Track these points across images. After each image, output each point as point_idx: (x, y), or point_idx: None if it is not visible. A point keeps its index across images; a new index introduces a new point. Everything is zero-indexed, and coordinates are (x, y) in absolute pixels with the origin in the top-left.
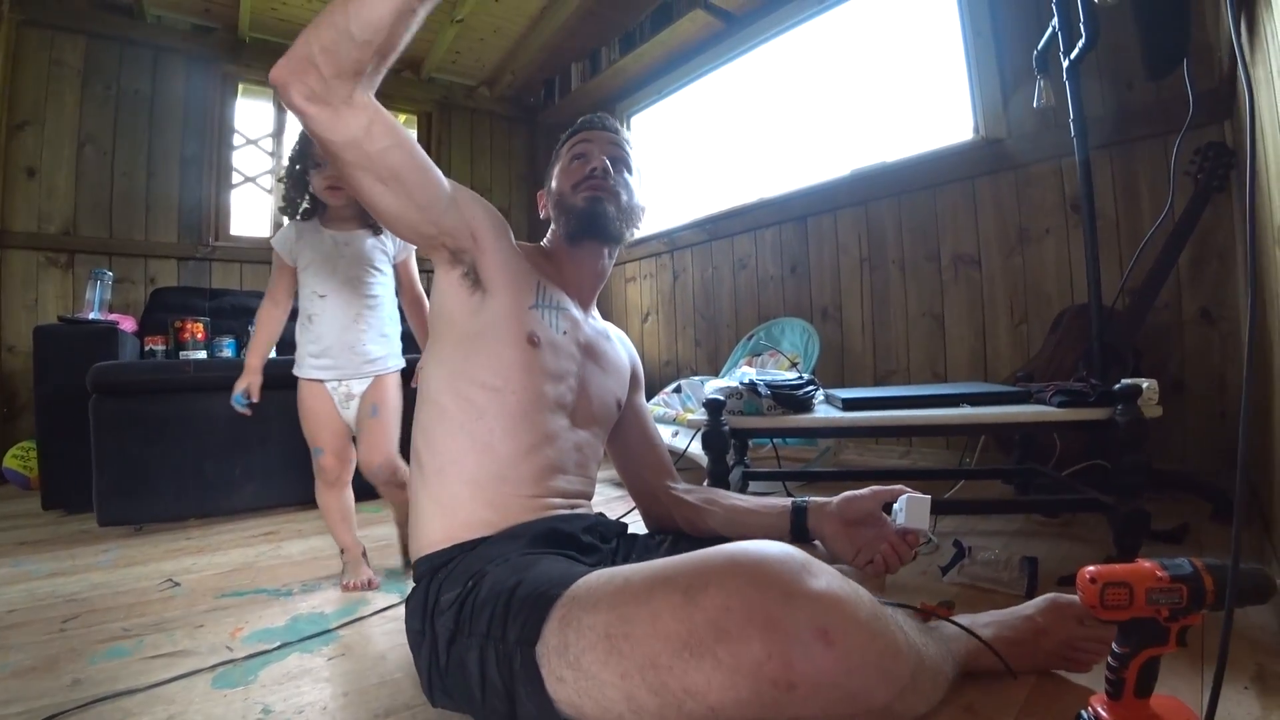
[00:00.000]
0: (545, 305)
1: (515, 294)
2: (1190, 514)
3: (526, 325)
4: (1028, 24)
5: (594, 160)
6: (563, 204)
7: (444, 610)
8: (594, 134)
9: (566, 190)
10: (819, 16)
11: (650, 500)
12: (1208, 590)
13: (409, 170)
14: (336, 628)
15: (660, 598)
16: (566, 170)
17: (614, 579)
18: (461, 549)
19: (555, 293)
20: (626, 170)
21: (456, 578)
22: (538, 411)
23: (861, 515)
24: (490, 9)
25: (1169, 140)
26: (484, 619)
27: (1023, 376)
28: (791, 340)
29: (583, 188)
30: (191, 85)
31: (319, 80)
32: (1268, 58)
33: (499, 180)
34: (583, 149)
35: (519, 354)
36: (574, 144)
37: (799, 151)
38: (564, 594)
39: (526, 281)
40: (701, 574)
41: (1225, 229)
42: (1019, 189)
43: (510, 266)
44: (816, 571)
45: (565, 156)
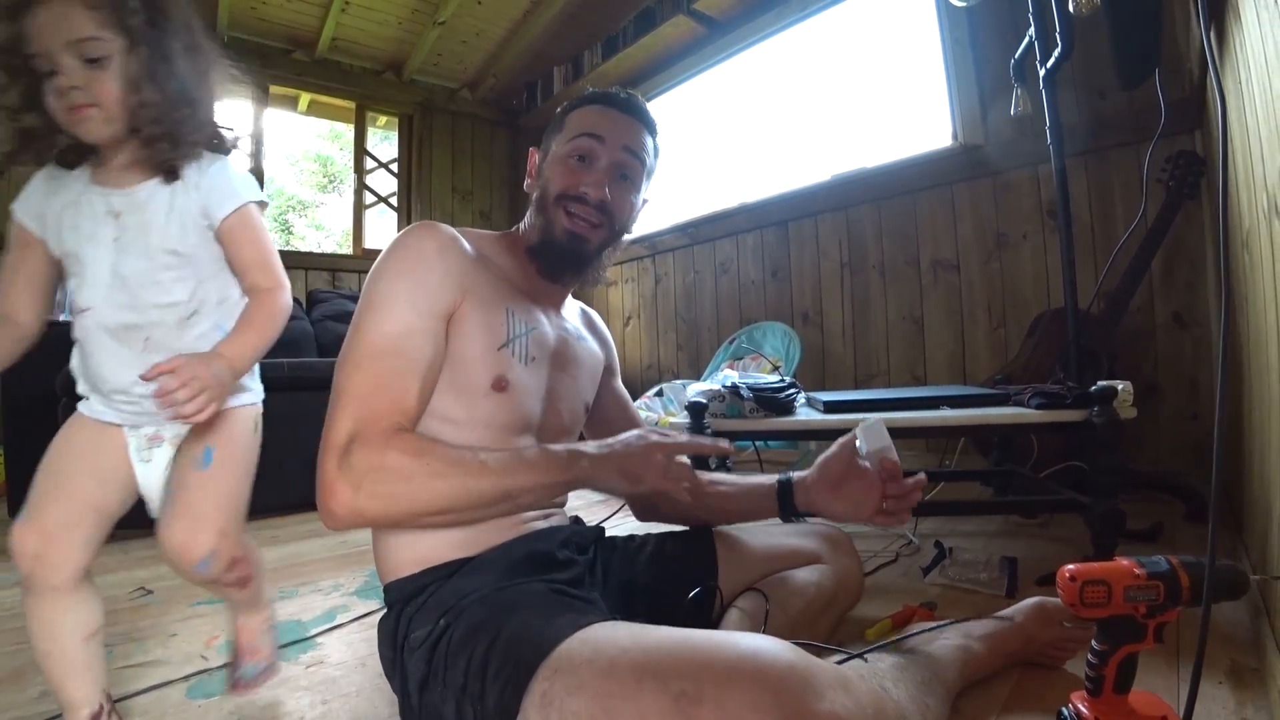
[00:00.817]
0: (516, 337)
1: (484, 337)
2: (1164, 513)
3: (494, 370)
4: (1005, 33)
5: (598, 175)
6: (543, 205)
7: (415, 648)
8: (612, 121)
9: (553, 194)
10: (801, 23)
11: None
12: (1184, 587)
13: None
14: (314, 635)
15: (649, 698)
16: (563, 163)
17: (599, 655)
18: (434, 575)
19: (524, 314)
20: (633, 187)
21: (428, 612)
22: (501, 441)
23: (842, 470)
24: (473, 12)
25: (1142, 148)
26: (460, 670)
27: (1001, 379)
28: (773, 344)
29: (569, 205)
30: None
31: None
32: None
33: (480, 183)
34: (590, 147)
35: (483, 399)
36: (584, 127)
37: (780, 157)
38: (546, 661)
39: (495, 317)
40: (696, 677)
41: (1196, 235)
42: (997, 195)
43: (482, 306)
44: (821, 689)
45: (569, 140)
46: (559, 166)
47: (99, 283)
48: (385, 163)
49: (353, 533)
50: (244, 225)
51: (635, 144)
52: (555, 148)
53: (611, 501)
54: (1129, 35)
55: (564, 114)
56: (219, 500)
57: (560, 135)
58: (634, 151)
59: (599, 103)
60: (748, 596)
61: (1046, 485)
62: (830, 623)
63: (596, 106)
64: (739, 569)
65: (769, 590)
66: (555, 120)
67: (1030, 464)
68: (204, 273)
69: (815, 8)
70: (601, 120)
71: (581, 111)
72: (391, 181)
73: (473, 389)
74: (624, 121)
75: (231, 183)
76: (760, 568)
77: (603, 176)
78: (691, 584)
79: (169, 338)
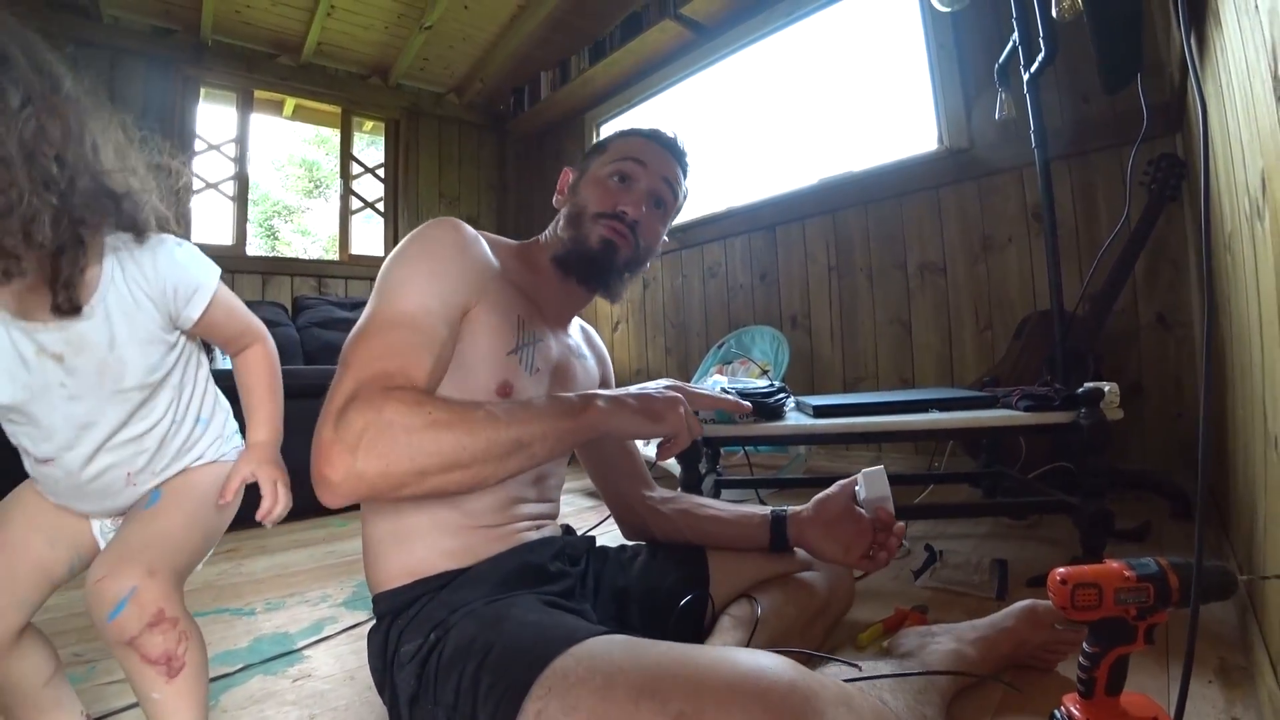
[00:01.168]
0: (524, 345)
1: (493, 340)
2: (1151, 512)
3: (500, 374)
4: (989, 38)
5: (636, 195)
6: (577, 220)
7: (404, 663)
8: (655, 153)
9: (589, 208)
10: (787, 28)
11: (625, 509)
12: (1173, 589)
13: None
14: (301, 648)
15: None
16: (603, 183)
17: (594, 673)
18: (425, 587)
19: (533, 325)
20: (663, 217)
21: (419, 626)
22: None
23: (838, 512)
24: (459, 16)
25: (1124, 151)
26: (450, 687)
27: (989, 381)
28: (762, 348)
29: (605, 221)
30: (151, 89)
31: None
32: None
33: (467, 188)
34: (632, 170)
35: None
36: (628, 152)
37: (768, 161)
38: (540, 679)
39: (507, 322)
40: (696, 698)
41: (1178, 237)
42: (982, 198)
43: (495, 310)
44: (823, 707)
45: (610, 162)
46: (599, 186)
47: (53, 437)
48: (372, 168)
49: (341, 541)
50: (212, 319)
51: (672, 177)
52: (595, 168)
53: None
54: (1111, 40)
55: (608, 140)
56: (154, 539)
57: (602, 158)
58: (670, 183)
59: (645, 136)
60: (739, 604)
61: (1035, 486)
62: (823, 629)
63: (642, 138)
64: (730, 577)
65: (761, 597)
66: (596, 145)
67: (1018, 465)
68: (171, 387)
69: (801, 12)
70: (646, 149)
71: (627, 140)
72: (378, 186)
73: (476, 391)
74: (665, 155)
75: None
76: (751, 575)
77: (640, 198)
78: (683, 592)
79: (144, 468)
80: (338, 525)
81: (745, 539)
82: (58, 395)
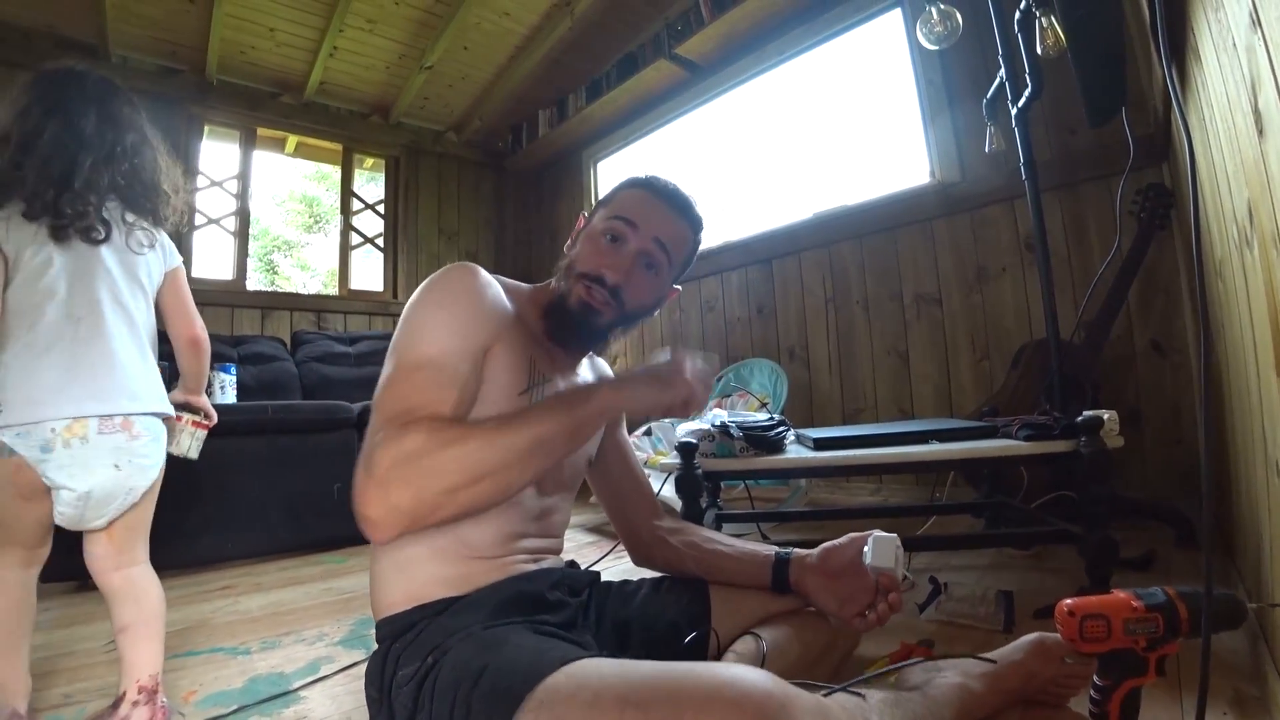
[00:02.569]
0: (535, 386)
1: (508, 379)
2: (1155, 540)
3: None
4: (977, 74)
5: (622, 259)
6: (566, 274)
7: (401, 685)
8: (651, 211)
9: (576, 265)
10: (780, 66)
11: (634, 537)
12: (1183, 619)
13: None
14: (297, 688)
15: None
16: (595, 241)
17: (583, 688)
18: (424, 612)
19: (544, 368)
20: (656, 277)
21: (416, 650)
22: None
23: (843, 565)
24: (459, 56)
25: (1113, 182)
26: (445, 707)
27: (988, 411)
28: (760, 381)
29: (585, 283)
30: (155, 126)
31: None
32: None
33: (466, 224)
34: (622, 230)
35: None
36: (622, 210)
37: (763, 195)
38: (530, 695)
39: (520, 362)
40: (676, 705)
41: (1169, 264)
42: (975, 230)
43: (511, 350)
44: (797, 715)
45: (606, 217)
46: (591, 244)
47: None
48: (372, 204)
49: (337, 578)
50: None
51: (668, 236)
52: (596, 220)
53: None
54: (1095, 75)
55: (617, 190)
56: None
57: (604, 211)
58: (664, 244)
59: (645, 188)
60: (744, 640)
61: (1038, 516)
62: (829, 666)
63: (641, 192)
64: (734, 613)
65: (765, 634)
66: (609, 193)
67: (1020, 495)
68: None
69: (793, 51)
70: (641, 207)
71: (629, 193)
72: (378, 222)
73: None
74: (663, 212)
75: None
76: (755, 611)
77: (625, 262)
78: (686, 627)
79: None
80: (335, 562)
81: (748, 576)
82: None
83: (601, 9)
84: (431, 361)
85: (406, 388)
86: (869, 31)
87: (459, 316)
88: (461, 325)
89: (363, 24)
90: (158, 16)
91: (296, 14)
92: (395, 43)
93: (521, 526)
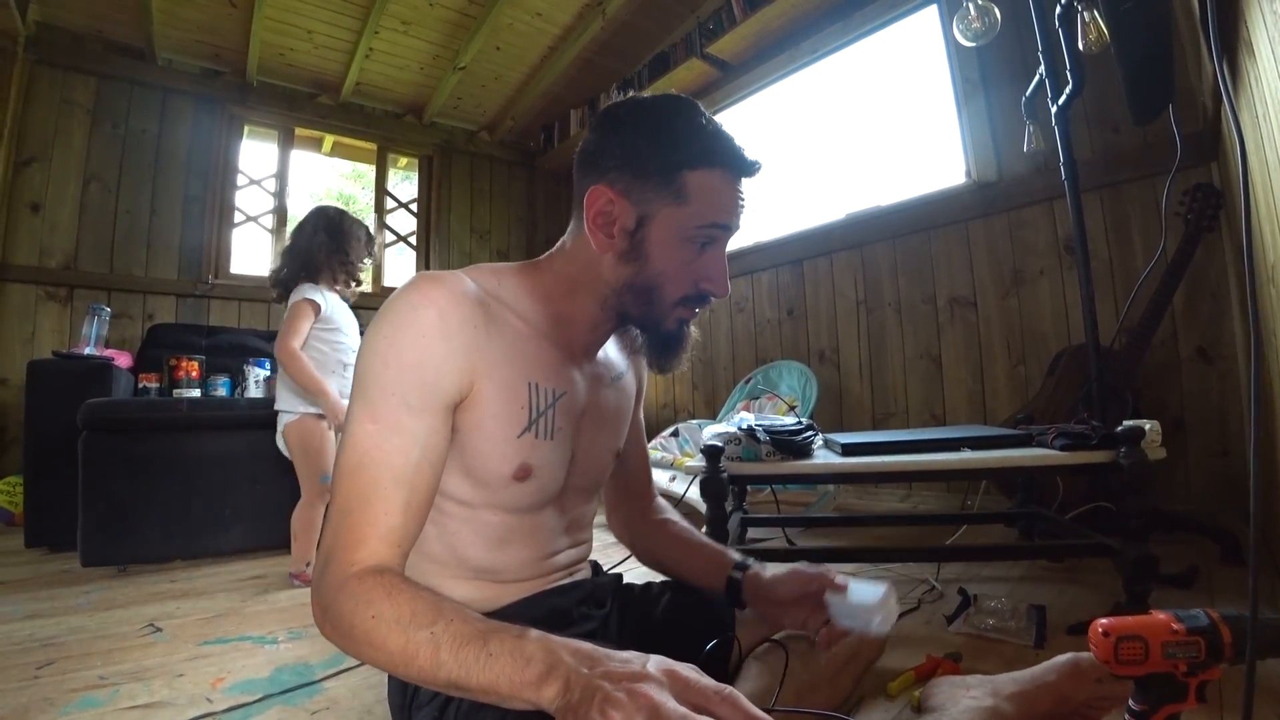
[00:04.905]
0: (540, 415)
1: (500, 427)
2: (1198, 556)
3: (515, 459)
4: (1015, 71)
5: (721, 268)
6: (648, 298)
7: (424, 704)
8: (740, 200)
9: (667, 290)
10: (813, 64)
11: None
12: (1225, 643)
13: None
14: (321, 679)
15: None
16: (683, 251)
17: None
18: None
19: (550, 380)
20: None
21: None
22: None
23: (795, 596)
24: (492, 57)
25: (1158, 182)
26: None
27: (1023, 419)
28: (789, 383)
29: (687, 307)
30: (198, 126)
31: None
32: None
33: (497, 223)
34: (716, 236)
35: (503, 489)
36: (716, 214)
37: (794, 195)
38: None
39: (515, 399)
40: None
41: (1218, 268)
42: (1012, 231)
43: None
44: None
45: (695, 224)
46: (679, 254)
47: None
48: (405, 202)
49: None
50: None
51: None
52: (667, 220)
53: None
54: (1140, 71)
55: (678, 165)
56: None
57: (678, 206)
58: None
59: (734, 169)
60: (767, 649)
61: (1073, 528)
62: (853, 677)
63: (727, 175)
64: (757, 620)
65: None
66: (659, 163)
67: (1056, 505)
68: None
69: (826, 50)
70: (735, 202)
71: (709, 179)
72: (411, 220)
73: (491, 479)
74: (746, 193)
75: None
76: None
77: (725, 268)
78: (708, 635)
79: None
80: None
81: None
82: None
83: (633, 9)
84: (377, 454)
85: (351, 491)
86: (904, 28)
87: (410, 375)
88: (416, 386)
89: (397, 25)
90: (201, 20)
91: (334, 16)
92: (429, 44)
93: (552, 545)
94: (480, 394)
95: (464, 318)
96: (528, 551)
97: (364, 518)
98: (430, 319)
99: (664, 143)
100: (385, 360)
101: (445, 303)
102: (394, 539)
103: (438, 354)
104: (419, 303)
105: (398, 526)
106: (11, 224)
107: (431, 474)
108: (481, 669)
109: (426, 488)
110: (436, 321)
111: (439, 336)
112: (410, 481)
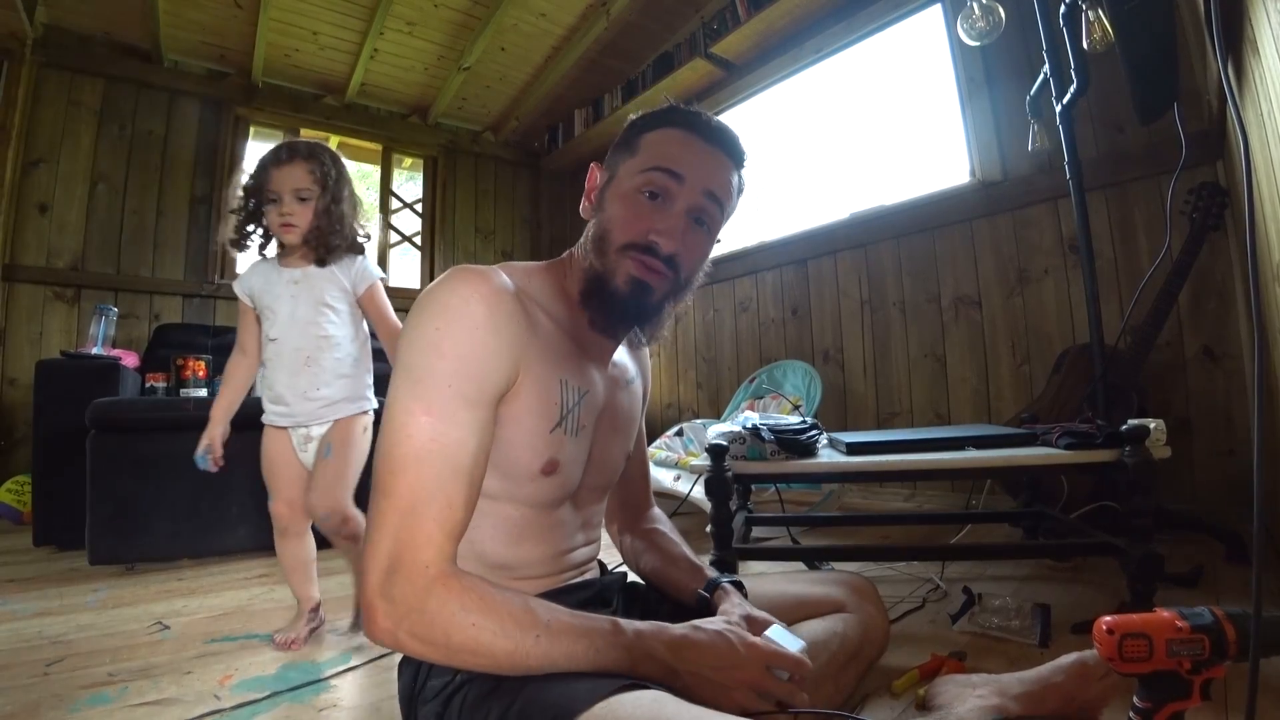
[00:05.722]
0: (569, 412)
1: (535, 420)
2: (1203, 555)
3: (545, 454)
4: (1019, 70)
5: (672, 220)
6: (601, 247)
7: (429, 699)
8: (697, 153)
9: (614, 235)
10: (817, 64)
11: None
12: (1230, 641)
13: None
14: (328, 677)
15: None
16: (632, 202)
17: None
18: None
19: (578, 379)
20: (708, 235)
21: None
22: (537, 516)
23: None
24: (496, 58)
25: (1163, 181)
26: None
27: (1027, 418)
28: (794, 383)
29: (634, 255)
30: (204, 127)
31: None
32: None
33: (502, 223)
34: (665, 184)
35: (530, 482)
36: (662, 159)
37: (799, 195)
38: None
39: (549, 394)
40: None
41: (1223, 267)
42: (1017, 230)
43: (537, 382)
44: None
45: (641, 171)
46: (626, 204)
47: (280, 322)
48: (410, 203)
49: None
50: (373, 295)
51: (718, 185)
52: (623, 173)
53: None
54: (1145, 70)
55: (639, 130)
56: (333, 479)
57: (632, 159)
58: (715, 196)
59: (683, 127)
60: None
61: (1078, 527)
62: (856, 675)
63: (679, 131)
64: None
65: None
66: (625, 134)
67: (1060, 505)
68: (344, 319)
69: (830, 49)
70: (684, 153)
71: (661, 134)
72: (416, 221)
73: (519, 473)
74: (709, 156)
75: (367, 269)
76: (781, 617)
77: (677, 223)
78: None
79: (320, 357)
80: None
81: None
82: (289, 304)
83: (637, 9)
84: (439, 446)
85: (413, 485)
86: (908, 27)
87: (467, 367)
88: (472, 379)
89: (402, 26)
90: (207, 22)
91: (339, 18)
92: (434, 44)
93: (567, 542)
94: (521, 388)
95: (509, 312)
96: (544, 547)
97: (429, 514)
98: (481, 312)
99: (639, 122)
100: (440, 351)
101: (492, 297)
102: (457, 535)
103: (490, 346)
104: (468, 295)
105: (461, 521)
106: (20, 225)
107: (482, 467)
108: (589, 663)
109: (480, 478)
110: (487, 314)
111: (490, 329)
112: (470, 474)
